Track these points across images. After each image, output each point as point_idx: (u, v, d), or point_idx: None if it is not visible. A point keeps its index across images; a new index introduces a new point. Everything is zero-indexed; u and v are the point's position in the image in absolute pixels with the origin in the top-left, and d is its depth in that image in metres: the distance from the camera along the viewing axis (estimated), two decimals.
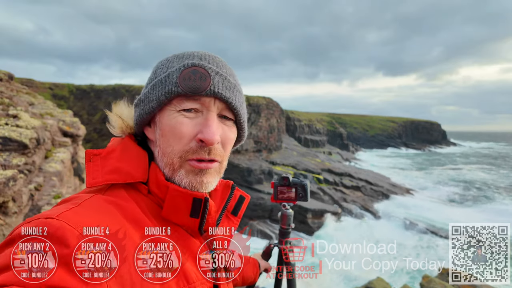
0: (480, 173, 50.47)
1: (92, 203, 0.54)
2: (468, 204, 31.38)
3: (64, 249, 0.44)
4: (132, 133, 0.70)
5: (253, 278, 1.23)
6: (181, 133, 0.60)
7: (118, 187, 0.60)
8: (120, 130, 0.69)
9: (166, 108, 0.63)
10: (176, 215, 0.61)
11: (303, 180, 1.20)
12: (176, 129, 0.61)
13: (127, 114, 0.70)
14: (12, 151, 4.88)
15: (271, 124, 39.67)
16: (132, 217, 0.56)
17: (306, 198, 1.19)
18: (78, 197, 0.56)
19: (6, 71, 10.70)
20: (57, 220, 0.46)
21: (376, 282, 5.74)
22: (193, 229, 0.64)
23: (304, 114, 73.20)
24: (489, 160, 71.88)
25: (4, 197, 3.92)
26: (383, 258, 6.73)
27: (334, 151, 62.11)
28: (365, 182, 35.69)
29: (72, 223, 0.47)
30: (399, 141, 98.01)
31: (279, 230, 1.26)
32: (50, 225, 0.45)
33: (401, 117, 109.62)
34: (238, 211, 0.77)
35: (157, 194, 0.62)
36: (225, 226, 0.73)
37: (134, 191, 0.61)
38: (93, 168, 0.61)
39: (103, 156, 0.63)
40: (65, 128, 7.75)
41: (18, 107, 6.58)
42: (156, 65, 0.69)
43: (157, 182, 0.62)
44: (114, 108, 0.70)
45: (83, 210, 0.51)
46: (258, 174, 31.29)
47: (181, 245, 0.61)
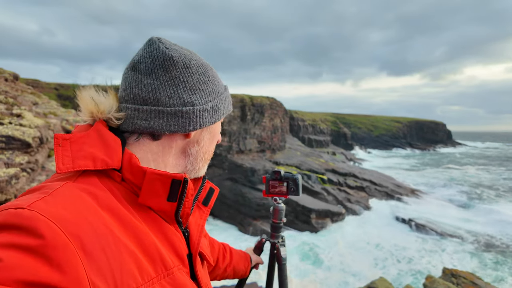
0: (486, 174, 49.97)
1: (64, 192, 0.51)
2: (474, 205, 31.07)
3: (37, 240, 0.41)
4: (103, 119, 0.66)
5: (244, 271, 1.22)
6: (217, 140, 0.79)
7: (89, 174, 0.58)
8: (90, 114, 0.65)
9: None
10: (153, 199, 0.61)
11: (295, 174, 1.20)
12: (217, 136, 0.79)
13: (97, 98, 0.66)
14: (15, 149, 4.93)
15: (275, 124, 39.64)
16: (107, 205, 0.54)
17: (298, 192, 1.18)
18: (48, 185, 0.53)
19: (12, 72, 10.84)
20: (28, 210, 0.44)
21: (378, 282, 5.70)
22: (170, 215, 0.64)
23: (308, 114, 73.06)
24: (496, 161, 71.13)
25: (6, 195, 3.96)
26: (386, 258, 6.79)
27: (338, 151, 61.89)
28: (370, 182, 35.50)
29: (46, 213, 0.44)
30: (403, 141, 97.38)
31: (271, 224, 1.25)
32: (21, 216, 0.43)
33: (406, 117, 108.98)
34: (209, 201, 0.80)
35: (131, 181, 0.61)
36: (197, 214, 0.76)
37: (107, 179, 0.59)
38: (62, 153, 0.58)
39: (74, 140, 0.60)
40: (69, 127, 7.82)
41: (22, 107, 6.65)
42: (204, 68, 0.71)
43: (131, 168, 0.60)
44: (83, 92, 0.66)
45: (55, 199, 0.48)
46: (262, 174, 31.24)
47: (158, 231, 0.61)
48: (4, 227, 0.42)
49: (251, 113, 36.73)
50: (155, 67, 0.63)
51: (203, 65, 0.69)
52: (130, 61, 0.68)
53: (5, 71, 10.38)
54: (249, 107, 36.45)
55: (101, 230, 0.49)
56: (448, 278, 5.68)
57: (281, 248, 1.21)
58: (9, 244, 0.40)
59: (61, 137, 0.60)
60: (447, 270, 5.95)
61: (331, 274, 17.92)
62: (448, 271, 5.90)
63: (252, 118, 36.74)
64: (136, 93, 0.64)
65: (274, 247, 1.23)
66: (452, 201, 32.22)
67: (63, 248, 0.42)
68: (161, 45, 0.65)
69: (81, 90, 0.66)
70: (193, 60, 0.67)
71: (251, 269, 1.27)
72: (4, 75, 9.69)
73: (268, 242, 1.27)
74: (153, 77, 0.63)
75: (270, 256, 1.25)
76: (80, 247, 0.44)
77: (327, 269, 18.48)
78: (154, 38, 0.67)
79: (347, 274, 17.88)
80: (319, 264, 18.99)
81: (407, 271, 18.28)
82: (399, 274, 17.90)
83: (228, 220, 27.70)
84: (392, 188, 34.59)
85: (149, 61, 0.64)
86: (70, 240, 0.43)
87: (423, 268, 18.57)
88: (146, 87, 0.63)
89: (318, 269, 18.42)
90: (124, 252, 0.51)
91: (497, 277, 17.67)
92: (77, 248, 0.44)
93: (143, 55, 0.65)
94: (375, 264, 19.01)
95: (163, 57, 0.63)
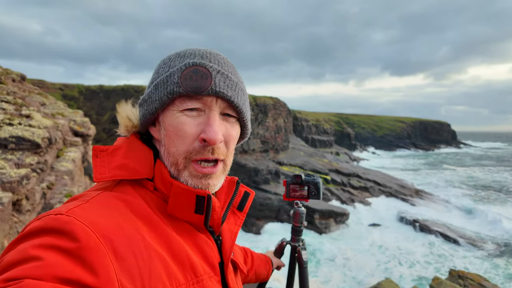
0: (493, 175, 49.52)
1: (100, 200, 0.56)
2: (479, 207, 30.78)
3: (73, 243, 0.45)
4: (137, 131, 0.72)
5: (266, 275, 1.23)
6: (184, 133, 0.62)
7: (124, 184, 0.62)
8: (125, 129, 0.71)
9: (169, 108, 0.64)
10: (180, 211, 0.63)
11: (316, 178, 1.20)
12: (179, 130, 0.62)
13: (132, 113, 0.72)
14: (25, 150, 4.98)
15: (278, 124, 39.60)
16: (140, 212, 0.58)
17: (319, 196, 1.19)
18: (86, 194, 0.58)
19: (19, 72, 10.93)
20: (66, 216, 0.48)
21: (385, 283, 5.69)
22: (199, 224, 0.65)
23: (311, 114, 72.92)
24: (502, 162, 70.48)
25: (18, 195, 4.00)
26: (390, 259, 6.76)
27: (342, 151, 61.70)
28: (373, 182, 35.35)
29: (81, 218, 0.48)
30: (408, 141, 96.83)
31: (292, 228, 1.26)
32: (60, 221, 0.48)
33: (410, 117, 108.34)
34: (244, 206, 0.78)
35: (162, 191, 0.64)
36: (231, 221, 0.76)
37: (140, 188, 0.63)
38: (100, 163, 0.63)
39: (110, 152, 0.65)
40: (76, 128, 7.88)
41: (30, 107, 6.71)
42: (159, 64, 0.70)
43: (162, 179, 0.64)
44: (118, 108, 0.72)
45: (92, 206, 0.53)
46: (265, 174, 31.25)
47: (189, 239, 0.63)
48: (45, 230, 0.47)
49: (255, 113, 36.73)
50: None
51: (166, 58, 0.69)
52: None
53: (13, 72, 10.47)
54: (252, 107, 36.47)
55: (132, 235, 0.52)
56: (455, 280, 5.65)
57: (302, 252, 1.22)
58: (49, 245, 0.44)
59: (99, 148, 0.65)
60: (454, 272, 5.92)
61: (334, 275, 17.87)
62: (455, 273, 5.87)
63: (256, 118, 36.74)
64: None
65: (295, 251, 1.24)
66: (457, 202, 31.95)
67: (96, 250, 0.46)
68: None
69: (119, 106, 0.72)
70: (161, 61, 0.70)
71: (272, 272, 1.28)
72: (11, 75, 9.78)
73: (288, 245, 1.27)
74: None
75: (290, 259, 1.26)
76: (111, 249, 0.48)
77: (330, 270, 18.42)
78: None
79: (349, 275, 17.82)
80: (319, 265, 18.93)
81: (412, 273, 18.18)
82: (403, 275, 17.80)
83: None
84: (396, 189, 34.41)
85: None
86: (102, 243, 0.47)
87: (428, 269, 18.45)
88: None
89: (319, 270, 18.36)
90: (154, 257, 0.53)
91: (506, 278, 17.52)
92: (108, 251, 0.47)
93: None
94: (379, 265, 18.92)
95: None
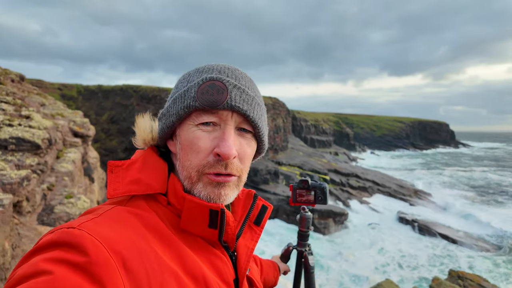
0: (492, 175, 49.65)
1: (113, 214, 0.56)
2: (478, 207, 30.88)
3: (83, 257, 0.45)
4: (154, 144, 0.72)
5: (274, 281, 1.23)
6: (198, 147, 0.62)
7: (138, 199, 0.62)
8: (142, 142, 0.71)
9: (185, 122, 0.65)
10: (194, 226, 0.62)
11: (322, 183, 1.20)
12: (193, 143, 0.62)
13: (150, 126, 0.72)
14: (25, 151, 4.96)
15: (277, 124, 39.63)
16: (153, 227, 0.57)
17: (325, 201, 1.19)
18: (100, 208, 0.58)
19: (18, 72, 10.89)
20: (78, 230, 0.49)
21: (385, 284, 5.69)
22: (213, 239, 0.65)
23: (310, 114, 72.97)
24: (501, 161, 70.70)
25: (18, 196, 3.99)
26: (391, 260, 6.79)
27: (341, 151, 61.77)
28: (372, 182, 35.42)
29: (93, 233, 0.49)
30: (406, 141, 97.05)
31: (298, 232, 1.26)
32: (72, 235, 0.48)
33: (409, 117, 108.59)
34: (261, 221, 0.76)
35: (175, 205, 0.63)
36: (247, 236, 0.73)
37: (154, 202, 0.63)
38: (114, 179, 0.63)
39: (125, 167, 0.65)
40: (76, 129, 7.85)
41: (30, 108, 6.69)
42: (179, 79, 0.71)
43: (175, 193, 0.63)
44: (137, 120, 0.72)
45: (104, 220, 0.53)
46: (264, 174, 31.28)
47: (202, 255, 0.62)
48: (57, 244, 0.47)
49: None
50: None
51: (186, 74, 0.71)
52: None
53: (12, 72, 10.44)
54: None
55: (144, 249, 0.52)
56: (455, 280, 5.66)
57: (309, 257, 1.22)
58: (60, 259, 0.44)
59: (114, 164, 0.65)
60: (454, 272, 5.93)
61: (333, 276, 17.88)
62: (454, 273, 5.88)
63: None
64: None
65: (301, 256, 1.24)
66: (456, 202, 32.05)
67: (105, 265, 0.46)
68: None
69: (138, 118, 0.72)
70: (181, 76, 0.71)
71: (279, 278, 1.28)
72: (10, 76, 9.75)
73: (295, 250, 1.27)
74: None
75: (297, 264, 1.26)
76: (122, 264, 0.48)
77: (330, 270, 18.43)
78: None
79: (349, 276, 17.83)
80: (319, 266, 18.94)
81: (411, 273, 18.22)
82: (403, 276, 17.83)
83: None
84: (395, 189, 34.48)
85: None
86: (112, 257, 0.47)
87: (428, 269, 18.50)
88: None
89: (318, 271, 18.37)
90: (166, 273, 0.52)
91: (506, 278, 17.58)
92: (119, 266, 0.47)
93: None
94: (378, 265, 18.95)
95: None
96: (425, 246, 21.79)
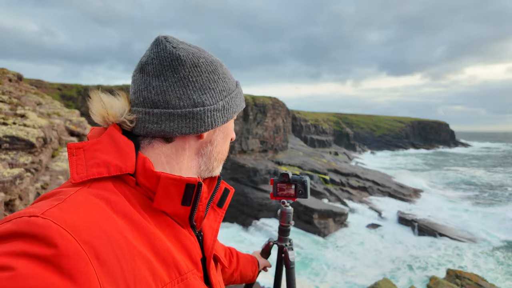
0: (492, 175, 49.65)
1: (78, 198, 0.50)
2: (478, 206, 30.86)
3: (50, 250, 0.40)
4: (116, 122, 0.65)
5: (252, 276, 1.20)
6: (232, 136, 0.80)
7: (104, 180, 0.57)
8: (101, 118, 0.65)
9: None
10: (168, 204, 0.60)
11: (303, 176, 1.18)
12: (232, 133, 0.79)
13: (108, 102, 0.65)
14: (19, 150, 4.94)
15: (277, 124, 39.62)
16: (121, 211, 0.54)
17: (306, 195, 1.16)
18: (62, 191, 0.52)
19: (15, 72, 10.88)
20: (42, 218, 0.43)
21: (382, 283, 5.66)
22: (184, 218, 0.63)
23: (310, 114, 72.98)
24: (502, 161, 70.68)
25: (11, 195, 3.97)
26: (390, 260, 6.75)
27: (341, 151, 61.77)
28: (372, 182, 35.40)
29: (59, 222, 0.43)
30: (406, 141, 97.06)
31: (279, 227, 1.23)
32: (35, 225, 0.42)
33: (409, 117, 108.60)
34: (224, 203, 0.77)
35: (145, 185, 0.60)
36: (211, 217, 0.74)
37: (121, 183, 0.59)
38: (77, 162, 0.57)
39: (87, 148, 0.60)
40: (72, 128, 7.83)
41: (26, 107, 6.67)
42: (214, 65, 0.68)
43: (145, 173, 0.60)
44: (94, 95, 0.65)
45: (69, 206, 0.48)
46: (264, 174, 31.27)
47: (172, 236, 0.61)
48: (17, 235, 0.41)
49: (254, 113, 36.72)
50: (163, 68, 0.62)
51: (212, 62, 0.67)
52: (138, 63, 0.66)
53: (9, 72, 10.43)
54: (251, 107, 36.44)
55: (115, 237, 0.49)
56: (453, 279, 5.63)
57: (289, 252, 1.19)
58: (22, 253, 0.39)
59: (74, 146, 0.59)
60: (451, 271, 5.90)
61: (331, 277, 17.87)
62: (452, 272, 5.85)
63: (255, 118, 36.74)
64: (145, 96, 0.63)
65: (282, 251, 1.21)
66: (456, 202, 32.04)
67: (76, 257, 0.42)
68: (168, 44, 0.63)
69: (93, 93, 0.65)
70: (201, 58, 0.65)
71: (259, 273, 1.26)
72: (8, 75, 9.74)
73: (275, 245, 1.25)
74: (162, 78, 0.61)
75: (277, 260, 1.23)
76: (94, 255, 0.44)
77: (327, 272, 18.42)
78: (160, 37, 0.65)
79: (348, 277, 17.82)
80: (315, 265, 18.93)
81: (410, 272, 18.20)
82: (402, 275, 17.82)
83: (230, 219, 27.74)
84: (394, 189, 34.46)
85: (157, 62, 0.62)
86: (83, 248, 0.43)
87: (427, 269, 18.48)
88: (155, 90, 0.62)
89: (320, 272, 18.36)
90: (138, 259, 0.50)
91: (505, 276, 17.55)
92: (91, 257, 0.43)
93: (150, 56, 0.63)
94: (377, 265, 18.93)
95: (170, 57, 0.62)
96: (425, 245, 21.78)
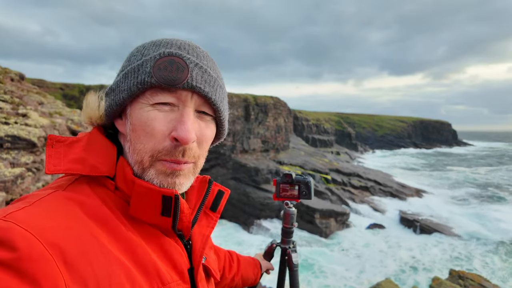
0: (495, 175, 49.42)
1: (49, 201, 0.48)
2: (481, 206, 30.72)
3: (10, 253, 0.38)
4: (101, 124, 0.65)
5: (254, 279, 1.18)
6: (153, 129, 0.55)
7: (81, 183, 0.55)
8: (88, 119, 0.64)
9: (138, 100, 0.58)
10: (145, 213, 0.56)
11: (307, 177, 1.15)
12: (148, 125, 0.56)
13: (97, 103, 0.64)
14: (21, 149, 4.94)
15: (279, 124, 39.56)
16: (96, 214, 0.51)
17: (310, 196, 1.14)
18: (33, 195, 0.50)
19: (18, 72, 10.91)
20: (3, 221, 0.41)
21: (384, 283, 5.63)
22: (166, 228, 0.60)
23: (312, 113, 72.91)
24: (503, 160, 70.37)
25: (12, 194, 3.96)
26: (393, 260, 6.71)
27: (342, 151, 61.68)
28: (374, 182, 35.30)
29: (23, 224, 0.41)
30: (408, 141, 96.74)
31: (282, 229, 1.21)
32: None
33: (410, 117, 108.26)
34: (217, 206, 0.72)
35: (124, 190, 0.58)
36: (203, 223, 0.69)
37: (99, 187, 0.56)
38: (55, 154, 0.56)
39: (68, 144, 0.59)
40: (74, 127, 7.84)
41: (27, 106, 6.68)
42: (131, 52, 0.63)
43: (124, 177, 0.57)
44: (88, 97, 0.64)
45: (37, 209, 0.46)
46: (266, 173, 31.22)
47: (154, 244, 0.57)
48: None
49: (255, 112, 36.68)
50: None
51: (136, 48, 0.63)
52: None
53: (11, 71, 10.45)
54: (252, 106, 36.42)
55: (87, 240, 0.46)
56: (455, 280, 5.59)
57: (292, 254, 1.17)
58: None
59: (55, 138, 0.58)
60: (454, 272, 5.86)
61: (333, 278, 17.83)
62: (455, 273, 5.81)
63: (256, 117, 36.70)
64: None
65: (285, 253, 1.19)
66: (458, 202, 31.91)
67: (40, 260, 0.39)
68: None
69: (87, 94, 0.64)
70: (134, 49, 0.64)
71: (261, 276, 1.23)
72: (10, 75, 9.75)
73: (278, 247, 1.22)
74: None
75: (280, 262, 1.21)
76: (61, 258, 0.41)
77: (328, 273, 18.37)
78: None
79: (349, 277, 17.77)
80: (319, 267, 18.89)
81: (412, 273, 18.14)
82: (405, 276, 17.76)
83: (232, 219, 27.73)
84: (396, 188, 34.35)
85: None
86: (48, 250, 0.41)
87: (428, 269, 18.41)
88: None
89: (322, 273, 18.32)
90: (114, 264, 0.47)
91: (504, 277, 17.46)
92: (57, 259, 0.41)
93: None
94: (380, 265, 18.88)
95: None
96: (426, 245, 21.68)
